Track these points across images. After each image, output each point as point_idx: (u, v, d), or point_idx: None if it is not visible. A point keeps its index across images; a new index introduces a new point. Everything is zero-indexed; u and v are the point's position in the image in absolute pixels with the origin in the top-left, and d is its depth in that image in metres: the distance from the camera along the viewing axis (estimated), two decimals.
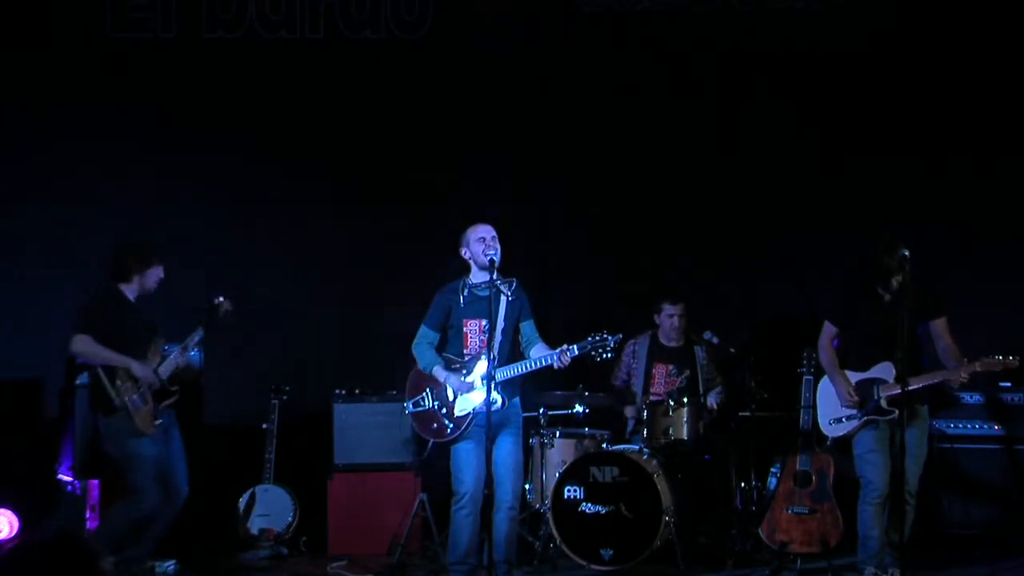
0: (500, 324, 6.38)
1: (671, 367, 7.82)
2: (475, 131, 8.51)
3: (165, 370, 6.71)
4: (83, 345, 6.60)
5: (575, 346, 6.22)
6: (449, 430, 6.40)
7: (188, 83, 8.49)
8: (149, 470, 6.59)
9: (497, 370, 6.28)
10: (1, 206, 8.38)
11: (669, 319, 7.80)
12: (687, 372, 7.79)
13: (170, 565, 7.15)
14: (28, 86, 8.41)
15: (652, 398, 7.57)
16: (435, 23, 8.57)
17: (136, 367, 6.59)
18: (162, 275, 6.84)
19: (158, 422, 6.64)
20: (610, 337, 6.17)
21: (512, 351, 6.50)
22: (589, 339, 6.20)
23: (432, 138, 8.53)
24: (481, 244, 6.42)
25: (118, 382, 6.56)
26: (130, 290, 6.78)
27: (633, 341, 7.86)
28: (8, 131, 8.41)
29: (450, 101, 8.55)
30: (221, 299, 6.90)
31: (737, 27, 8.47)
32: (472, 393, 6.36)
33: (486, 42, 8.48)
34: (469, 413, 6.34)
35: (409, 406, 6.57)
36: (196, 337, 6.79)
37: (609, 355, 6.22)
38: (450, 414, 6.41)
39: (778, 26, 8.43)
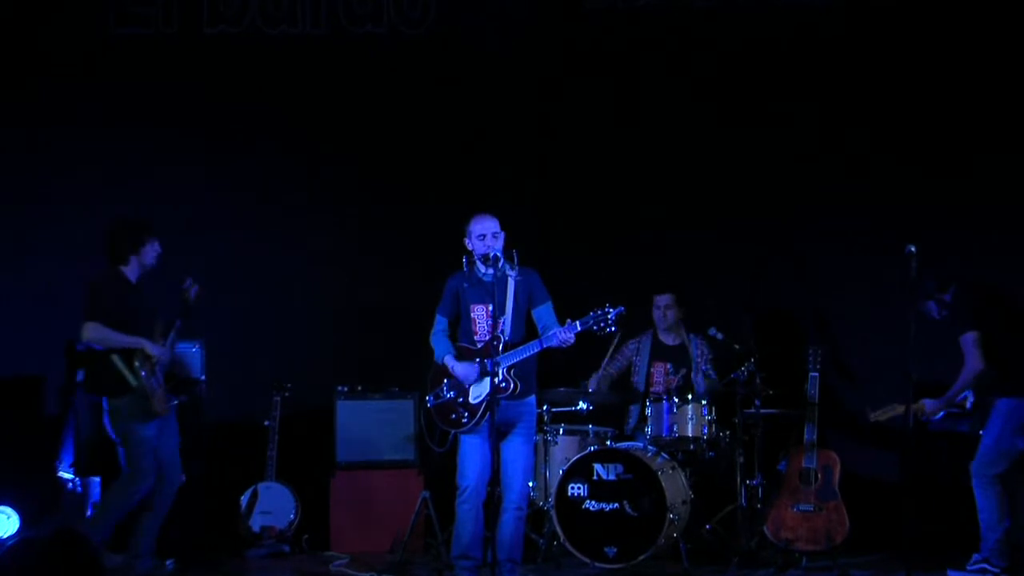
0: (509, 305, 6.37)
1: (669, 365, 7.81)
2: (476, 126, 8.48)
3: (167, 353, 6.73)
4: (95, 332, 6.55)
5: (578, 322, 6.22)
6: (465, 418, 6.40)
7: (190, 78, 8.45)
8: (147, 452, 6.57)
9: (503, 356, 6.27)
10: (1, 202, 8.34)
11: (658, 311, 7.78)
12: (684, 370, 7.78)
13: (171, 564, 7.13)
14: (29, 83, 8.36)
15: (652, 395, 7.56)
16: (437, 18, 8.54)
17: (150, 347, 6.60)
18: (159, 250, 6.78)
19: (173, 403, 6.69)
20: (612, 310, 6.15)
21: (527, 336, 6.47)
22: (592, 313, 6.20)
23: (433, 134, 8.49)
24: (481, 242, 6.40)
25: (136, 364, 6.55)
26: (130, 271, 6.73)
27: (637, 339, 7.85)
28: (9, 127, 8.37)
29: (452, 96, 8.52)
30: (188, 282, 6.87)
31: (741, 21, 8.42)
32: (482, 381, 6.35)
33: (488, 37, 8.44)
34: (484, 401, 6.33)
35: (431, 399, 6.58)
36: (176, 326, 6.78)
37: (612, 329, 6.20)
38: (465, 403, 6.42)
39: (782, 20, 8.38)
